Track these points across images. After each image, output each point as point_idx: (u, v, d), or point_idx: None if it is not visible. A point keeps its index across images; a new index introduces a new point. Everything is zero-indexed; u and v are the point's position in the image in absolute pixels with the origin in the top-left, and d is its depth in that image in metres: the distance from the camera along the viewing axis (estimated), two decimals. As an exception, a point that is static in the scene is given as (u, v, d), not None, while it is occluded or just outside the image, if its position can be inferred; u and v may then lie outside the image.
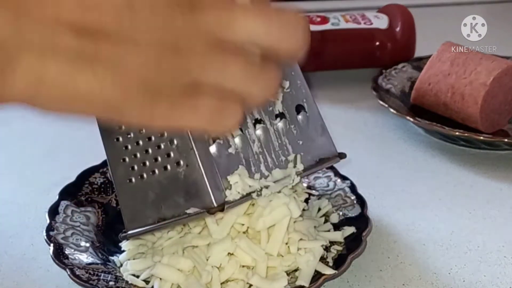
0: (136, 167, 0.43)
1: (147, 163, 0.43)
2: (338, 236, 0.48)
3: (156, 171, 0.42)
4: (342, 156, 0.48)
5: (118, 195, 0.44)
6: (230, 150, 0.42)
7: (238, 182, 0.41)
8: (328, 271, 0.44)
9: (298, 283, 0.43)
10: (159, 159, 0.42)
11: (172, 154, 0.42)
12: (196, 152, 0.40)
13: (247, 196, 0.41)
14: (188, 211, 0.41)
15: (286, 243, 0.45)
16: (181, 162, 0.41)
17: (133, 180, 0.43)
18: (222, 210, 0.40)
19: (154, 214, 0.42)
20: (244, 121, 0.43)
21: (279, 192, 0.45)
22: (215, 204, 0.40)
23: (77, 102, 0.28)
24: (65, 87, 0.27)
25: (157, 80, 0.28)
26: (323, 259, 0.45)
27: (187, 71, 0.28)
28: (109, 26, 0.26)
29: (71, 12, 0.26)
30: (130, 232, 0.43)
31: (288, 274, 0.44)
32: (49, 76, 0.27)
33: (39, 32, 0.26)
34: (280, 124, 0.45)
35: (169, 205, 0.42)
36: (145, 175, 0.43)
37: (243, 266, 0.44)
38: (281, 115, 0.45)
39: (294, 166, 0.45)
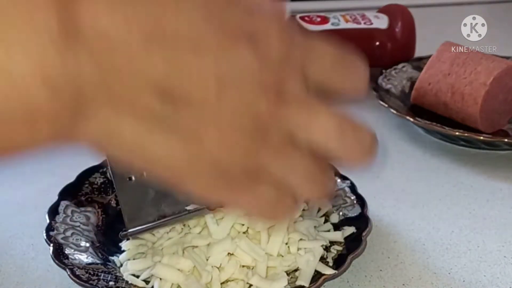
0: None
1: None
2: (338, 236, 0.48)
3: None
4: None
5: (118, 194, 0.44)
6: None
7: None
8: (328, 271, 0.44)
9: (298, 283, 0.43)
10: None
11: None
12: None
13: None
14: (188, 208, 0.41)
15: (286, 243, 0.45)
16: None
17: (133, 178, 0.43)
18: (222, 206, 0.40)
19: (154, 211, 0.42)
20: None
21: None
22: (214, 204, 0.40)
23: (143, 161, 0.28)
24: (135, 147, 0.27)
25: (228, 161, 0.28)
26: (323, 259, 0.45)
27: (258, 160, 0.28)
28: (195, 97, 0.26)
29: (160, 74, 0.25)
30: (130, 230, 0.43)
31: (288, 274, 0.44)
32: (122, 133, 0.26)
33: (123, 88, 0.25)
34: None
35: (169, 202, 0.42)
36: (145, 173, 0.43)
37: (243, 266, 0.44)
38: None
39: None
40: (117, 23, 0.24)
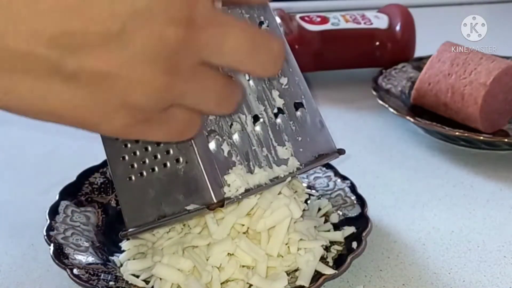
0: (135, 165, 0.43)
1: (147, 160, 0.43)
2: (338, 236, 0.48)
3: (156, 168, 0.42)
4: (341, 152, 0.48)
5: (118, 194, 0.44)
6: (229, 146, 0.42)
7: (237, 180, 0.41)
8: (328, 271, 0.44)
9: (298, 283, 0.43)
10: (159, 156, 0.42)
11: (171, 151, 0.42)
12: (195, 149, 0.40)
13: (246, 192, 0.41)
14: (188, 208, 0.41)
15: (286, 244, 0.45)
16: (181, 159, 0.41)
17: (133, 178, 0.43)
18: (222, 206, 0.40)
19: (154, 211, 0.42)
20: (243, 117, 0.43)
21: (279, 193, 0.45)
22: (214, 200, 0.40)
23: (48, 117, 0.27)
24: (36, 104, 0.26)
25: (141, 102, 0.27)
26: (323, 259, 0.45)
27: (172, 93, 0.28)
28: (95, 39, 0.25)
29: (51, 24, 0.24)
30: (130, 230, 0.43)
31: (288, 274, 0.44)
32: (19, 93, 0.26)
33: (10, 49, 0.24)
34: (278, 120, 0.45)
35: (169, 202, 0.42)
36: (144, 173, 0.43)
37: (243, 266, 0.44)
38: (279, 111, 0.45)
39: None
40: None
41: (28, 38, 0.24)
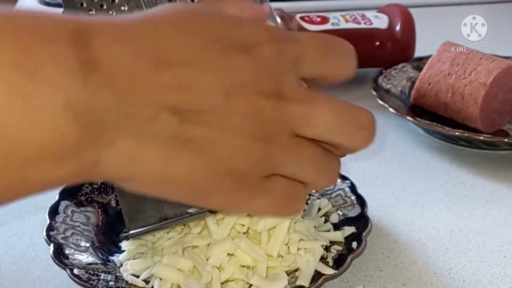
0: None
1: None
2: (338, 236, 0.48)
3: None
4: None
5: (119, 195, 0.44)
6: None
7: None
8: (328, 271, 0.44)
9: (298, 283, 0.43)
10: None
11: None
12: None
13: None
14: (189, 211, 0.41)
15: (286, 244, 0.45)
16: None
17: None
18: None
19: (155, 213, 0.42)
20: None
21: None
22: None
23: (168, 185, 0.29)
24: (160, 170, 0.28)
25: (244, 167, 0.29)
26: (323, 259, 0.45)
27: (271, 160, 0.30)
28: (205, 109, 0.27)
29: (171, 94, 0.27)
30: (131, 232, 0.43)
31: (288, 274, 0.44)
32: (145, 158, 0.27)
33: (139, 112, 0.26)
34: None
35: (171, 205, 0.42)
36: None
37: (243, 266, 0.44)
38: None
39: None
40: (127, 53, 0.26)
41: (153, 104, 0.26)
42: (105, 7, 0.42)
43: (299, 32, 0.33)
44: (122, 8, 0.41)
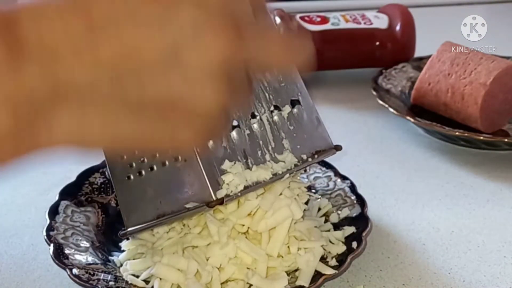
0: (134, 164, 0.43)
1: (145, 159, 0.43)
2: (338, 236, 0.48)
3: (155, 167, 0.42)
4: (338, 148, 0.48)
5: (116, 193, 0.44)
6: (227, 144, 0.42)
7: (235, 178, 0.41)
8: (328, 271, 0.44)
9: (298, 283, 0.43)
10: (157, 154, 0.42)
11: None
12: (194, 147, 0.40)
13: (245, 190, 0.41)
14: (187, 206, 0.41)
15: (286, 244, 0.45)
16: (179, 157, 0.41)
17: (132, 177, 0.43)
18: (221, 203, 0.40)
19: (153, 210, 0.42)
20: (241, 114, 0.43)
21: (281, 194, 0.45)
22: (214, 198, 0.40)
23: (120, 146, 0.29)
24: (108, 137, 0.27)
25: (204, 115, 0.28)
26: (323, 259, 0.45)
27: (230, 101, 0.29)
28: (151, 67, 0.26)
29: (110, 58, 0.26)
30: (130, 229, 0.43)
31: (288, 274, 0.44)
32: (90, 128, 0.27)
33: (75, 83, 0.26)
34: (275, 117, 0.45)
35: (168, 200, 0.42)
36: (143, 172, 0.43)
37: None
38: (276, 109, 0.45)
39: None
40: (56, 30, 0.25)
41: (94, 81, 0.26)
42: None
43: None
44: None
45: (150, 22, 0.26)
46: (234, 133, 0.42)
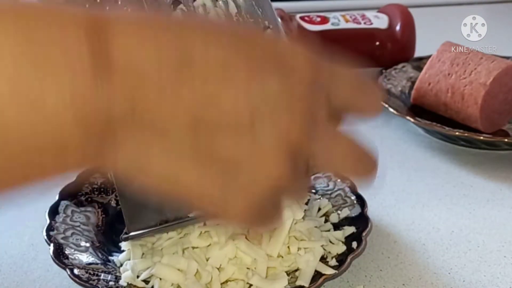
0: None
1: None
2: (338, 236, 0.48)
3: None
4: None
5: (119, 197, 0.44)
6: None
7: None
8: (328, 271, 0.44)
9: (298, 283, 0.43)
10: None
11: None
12: None
13: None
14: (190, 215, 0.41)
15: (287, 244, 0.45)
16: None
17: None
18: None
19: (156, 216, 0.42)
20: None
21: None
22: None
23: (173, 190, 0.28)
24: (164, 176, 0.27)
25: (262, 191, 0.28)
26: (323, 259, 0.45)
27: (289, 188, 0.29)
28: (228, 126, 0.26)
29: (190, 104, 0.25)
30: (132, 234, 0.43)
31: (288, 274, 0.44)
32: (151, 162, 0.26)
33: (153, 118, 0.25)
34: None
35: (172, 207, 0.42)
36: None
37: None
38: None
39: None
40: (148, 55, 0.25)
41: (170, 119, 0.25)
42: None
43: (335, 64, 0.32)
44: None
45: (238, 81, 0.26)
46: None
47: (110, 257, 0.47)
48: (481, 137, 0.65)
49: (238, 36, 0.27)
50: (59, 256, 0.45)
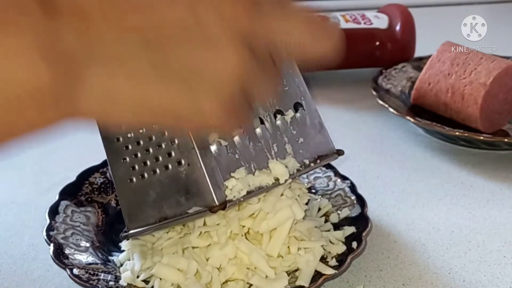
0: (136, 167, 0.43)
1: (148, 162, 0.43)
2: (338, 236, 0.48)
3: (157, 170, 0.42)
4: (340, 153, 0.48)
5: (118, 195, 0.44)
6: (230, 148, 0.42)
7: (238, 183, 0.41)
8: (328, 271, 0.44)
9: (298, 283, 0.43)
10: (160, 158, 0.42)
11: (173, 153, 0.42)
12: (197, 151, 0.40)
13: (248, 195, 0.41)
14: (189, 211, 0.41)
15: (287, 244, 0.45)
16: (182, 161, 0.41)
17: (134, 179, 0.43)
18: (224, 208, 0.40)
19: (155, 213, 0.42)
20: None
21: (282, 195, 0.45)
22: (216, 203, 0.40)
23: (147, 115, 0.28)
24: (136, 101, 0.27)
25: (230, 84, 0.28)
26: (323, 259, 0.45)
27: (253, 74, 0.29)
28: (177, 34, 0.27)
29: (137, 23, 0.26)
30: (131, 232, 0.43)
31: (288, 274, 0.44)
32: (121, 90, 0.27)
33: (106, 44, 0.26)
34: (278, 122, 0.45)
35: (171, 204, 0.42)
36: (146, 175, 0.43)
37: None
38: (279, 113, 0.45)
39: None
40: None
41: (115, 29, 0.26)
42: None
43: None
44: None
45: None
46: (237, 138, 0.42)
47: (110, 257, 0.47)
48: (481, 137, 0.65)
49: None
50: (59, 256, 0.45)
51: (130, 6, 0.26)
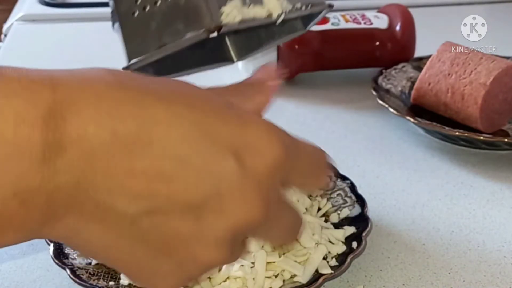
0: (139, 0, 0.43)
1: None
2: (339, 236, 0.48)
3: (159, 1, 0.42)
4: (330, 5, 0.47)
5: (121, 30, 0.43)
6: None
7: (233, 10, 0.41)
8: (328, 271, 0.44)
9: (297, 281, 0.43)
10: None
11: None
12: None
13: (242, 23, 0.41)
14: (187, 36, 0.41)
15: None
16: None
17: (136, 12, 0.43)
18: (219, 29, 0.40)
19: (155, 42, 0.42)
20: None
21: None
22: (213, 25, 0.40)
23: (104, 260, 0.28)
24: (99, 249, 0.27)
25: (195, 273, 0.28)
26: (323, 259, 0.45)
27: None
28: (174, 212, 0.26)
29: (138, 186, 0.25)
30: (132, 61, 0.43)
31: (288, 274, 0.44)
32: (89, 238, 0.26)
33: (97, 199, 0.25)
34: None
35: (170, 32, 0.41)
36: (148, 6, 0.43)
37: (242, 265, 0.44)
38: None
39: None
40: (102, 136, 0.24)
41: (117, 195, 0.25)
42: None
43: (301, 143, 0.31)
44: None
45: (196, 162, 0.25)
46: None
47: (110, 257, 0.47)
48: (481, 137, 0.65)
49: (205, 112, 0.27)
50: (59, 256, 0.45)
51: (143, 161, 0.25)
